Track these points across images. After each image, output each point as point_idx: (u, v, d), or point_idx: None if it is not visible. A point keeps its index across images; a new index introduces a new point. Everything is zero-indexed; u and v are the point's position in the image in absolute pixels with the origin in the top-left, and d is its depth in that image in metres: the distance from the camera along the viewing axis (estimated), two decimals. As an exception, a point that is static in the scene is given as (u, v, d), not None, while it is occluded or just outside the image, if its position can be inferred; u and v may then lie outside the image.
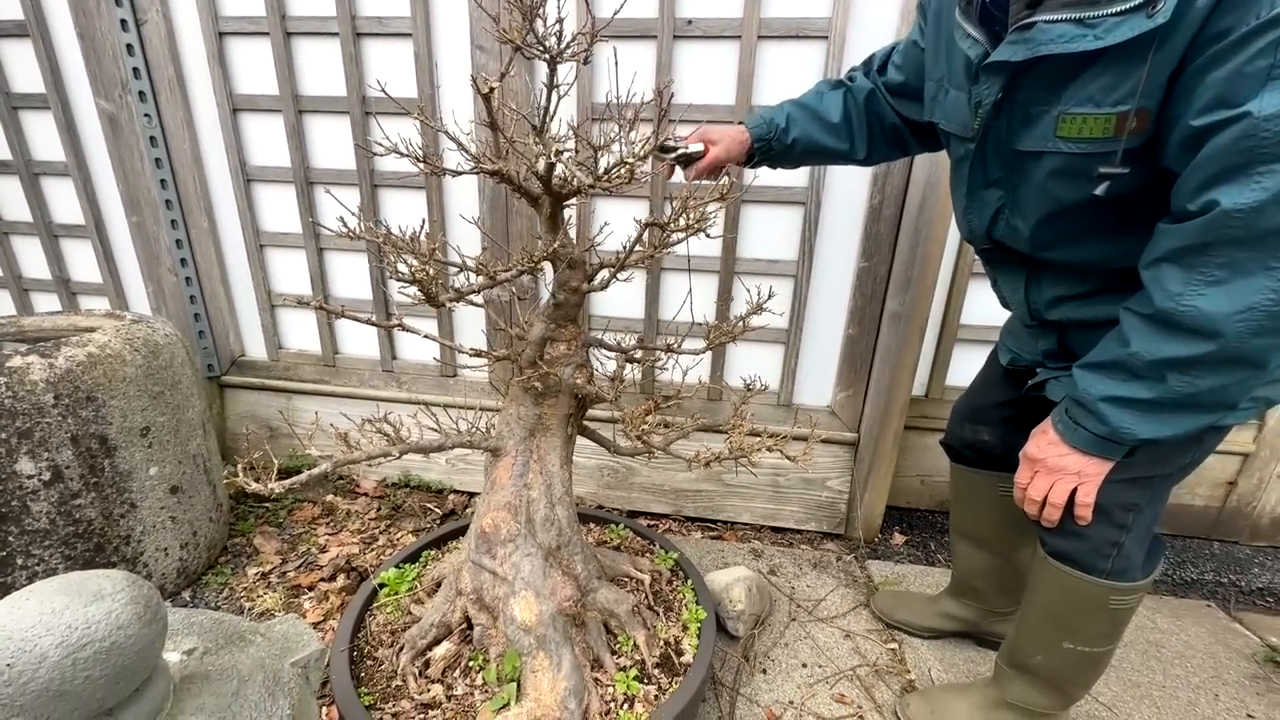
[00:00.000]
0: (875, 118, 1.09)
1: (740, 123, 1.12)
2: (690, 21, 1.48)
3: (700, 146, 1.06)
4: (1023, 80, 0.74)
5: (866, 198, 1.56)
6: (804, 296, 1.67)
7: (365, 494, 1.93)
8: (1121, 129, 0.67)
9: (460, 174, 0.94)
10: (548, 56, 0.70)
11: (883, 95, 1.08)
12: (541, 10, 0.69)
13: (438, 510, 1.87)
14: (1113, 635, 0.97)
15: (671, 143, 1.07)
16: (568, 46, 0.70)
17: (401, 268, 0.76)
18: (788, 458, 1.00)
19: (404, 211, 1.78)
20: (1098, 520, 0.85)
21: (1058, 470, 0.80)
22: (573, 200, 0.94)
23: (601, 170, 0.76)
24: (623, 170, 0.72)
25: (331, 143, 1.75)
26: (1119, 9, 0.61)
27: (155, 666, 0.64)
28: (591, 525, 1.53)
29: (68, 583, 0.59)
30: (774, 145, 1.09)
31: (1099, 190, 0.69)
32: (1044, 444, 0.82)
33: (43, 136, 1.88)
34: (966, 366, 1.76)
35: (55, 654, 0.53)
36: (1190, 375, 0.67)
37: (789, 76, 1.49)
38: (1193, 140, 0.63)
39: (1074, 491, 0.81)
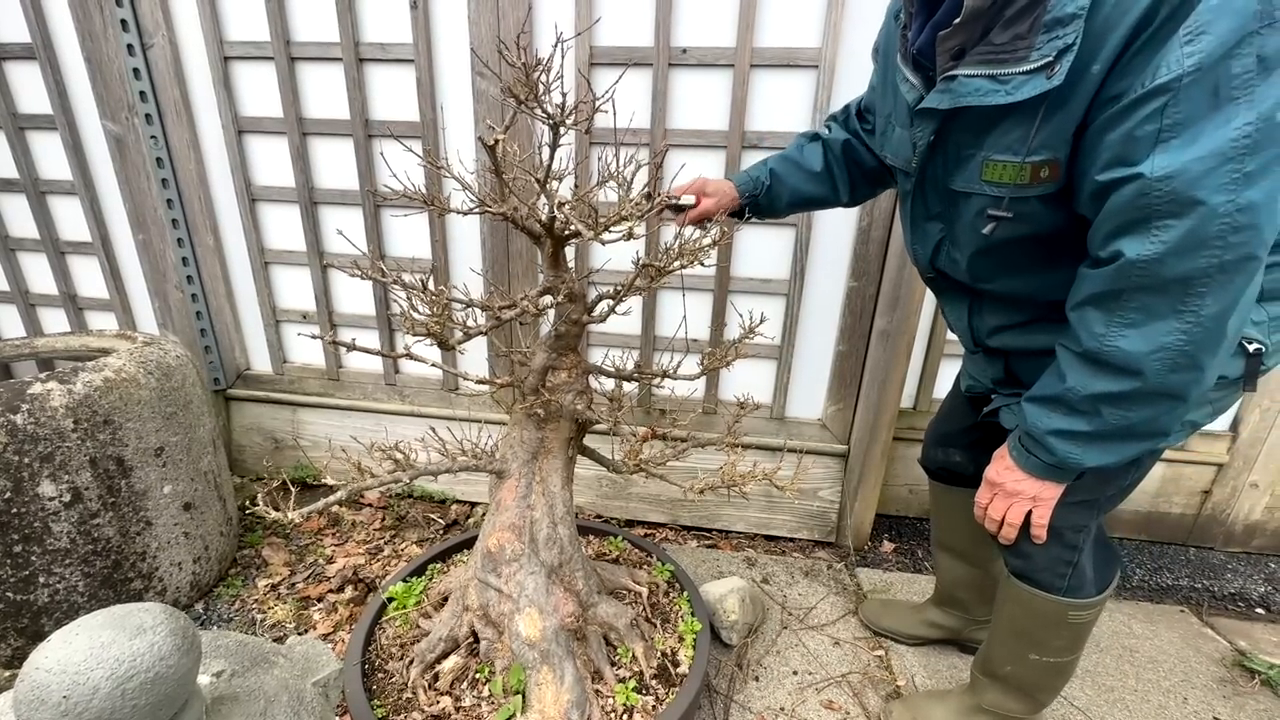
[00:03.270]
0: (854, 164, 1.16)
1: (729, 179, 1.20)
2: (685, 50, 1.53)
3: (692, 199, 1.15)
4: (952, 125, 0.79)
5: (855, 220, 1.61)
6: (796, 314, 1.72)
7: (370, 504, 1.99)
8: (1036, 177, 0.72)
9: (466, 213, 0.99)
10: (551, 122, 0.75)
11: (860, 142, 1.15)
12: (544, 78, 0.73)
13: (441, 521, 1.92)
14: (1075, 646, 1.03)
15: (670, 199, 1.15)
16: (570, 114, 0.75)
17: (416, 316, 0.81)
18: (777, 486, 1.06)
19: (407, 229, 1.82)
20: (1052, 542, 0.91)
21: (1015, 493, 0.87)
22: (573, 240, 0.99)
23: (600, 225, 0.81)
24: (623, 226, 0.77)
25: (335, 164, 1.79)
26: (1025, 69, 0.67)
27: (191, 691, 0.69)
28: (591, 537, 1.59)
29: (112, 617, 0.64)
30: (760, 200, 1.18)
31: (985, 230, 0.76)
32: (1002, 469, 0.88)
33: (49, 156, 1.91)
34: (953, 380, 1.82)
35: (106, 685, 0.58)
36: (1122, 409, 0.73)
37: (781, 103, 1.54)
38: (1098, 193, 0.68)
39: (1030, 514, 0.88)
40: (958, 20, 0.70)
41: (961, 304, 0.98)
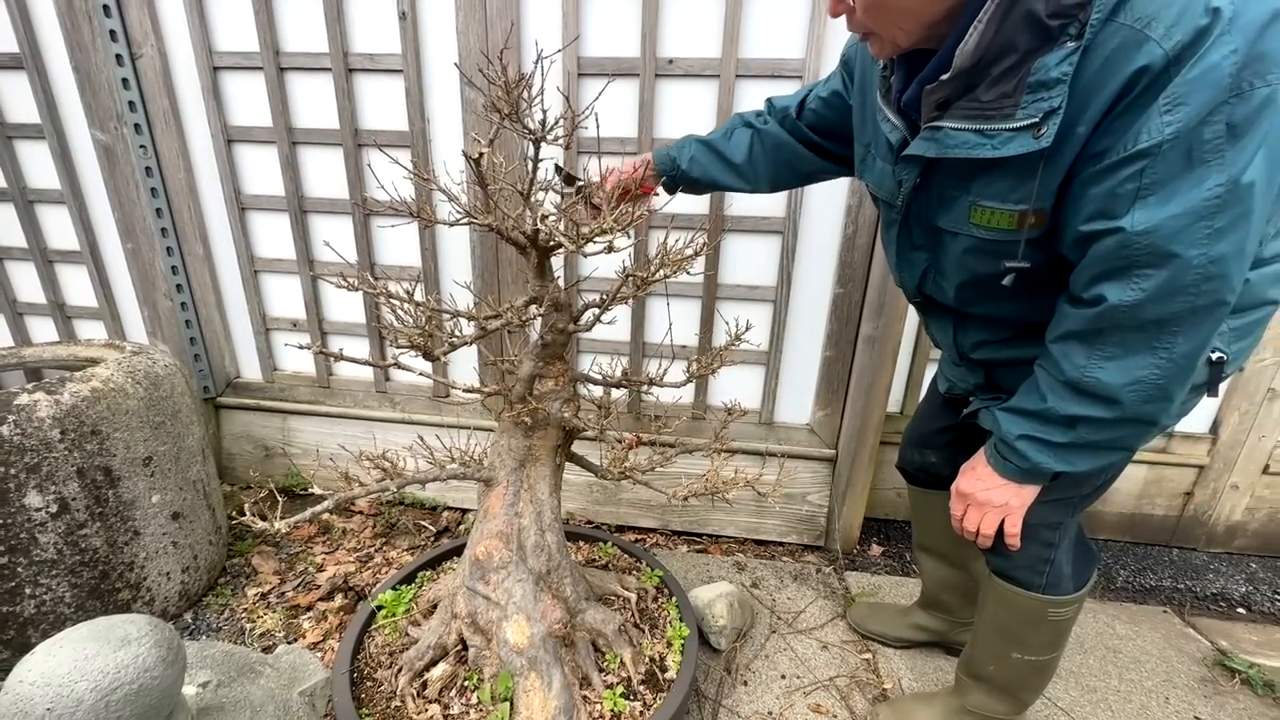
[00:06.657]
0: (784, 165, 1.17)
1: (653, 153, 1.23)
2: (671, 61, 1.54)
3: (583, 180, 1.15)
4: (937, 168, 0.83)
5: (841, 228, 1.63)
6: (783, 321, 1.74)
7: (360, 512, 1.98)
8: (1023, 223, 0.76)
9: (454, 224, 1.01)
10: (533, 138, 0.76)
11: (798, 140, 1.15)
12: (526, 94, 0.75)
13: (431, 528, 1.92)
14: (1056, 644, 1.06)
15: (580, 179, 1.13)
16: (552, 129, 0.76)
17: (398, 325, 0.82)
18: (759, 492, 1.07)
19: (397, 238, 1.83)
20: (1028, 540, 0.94)
21: (985, 504, 0.90)
22: (558, 252, 1.00)
23: (582, 238, 0.82)
24: (604, 239, 0.79)
25: (325, 173, 1.80)
26: (1011, 126, 0.70)
27: (176, 702, 0.69)
28: (580, 543, 1.59)
29: (96, 629, 0.65)
30: (679, 180, 1.21)
31: (1005, 281, 0.79)
32: (972, 479, 0.91)
33: (38, 165, 1.91)
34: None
35: (90, 698, 0.59)
36: (1096, 429, 0.78)
37: (766, 113, 1.56)
38: (1081, 241, 0.73)
39: (1003, 522, 0.91)
40: (944, 76, 0.73)
41: (947, 324, 1.02)
